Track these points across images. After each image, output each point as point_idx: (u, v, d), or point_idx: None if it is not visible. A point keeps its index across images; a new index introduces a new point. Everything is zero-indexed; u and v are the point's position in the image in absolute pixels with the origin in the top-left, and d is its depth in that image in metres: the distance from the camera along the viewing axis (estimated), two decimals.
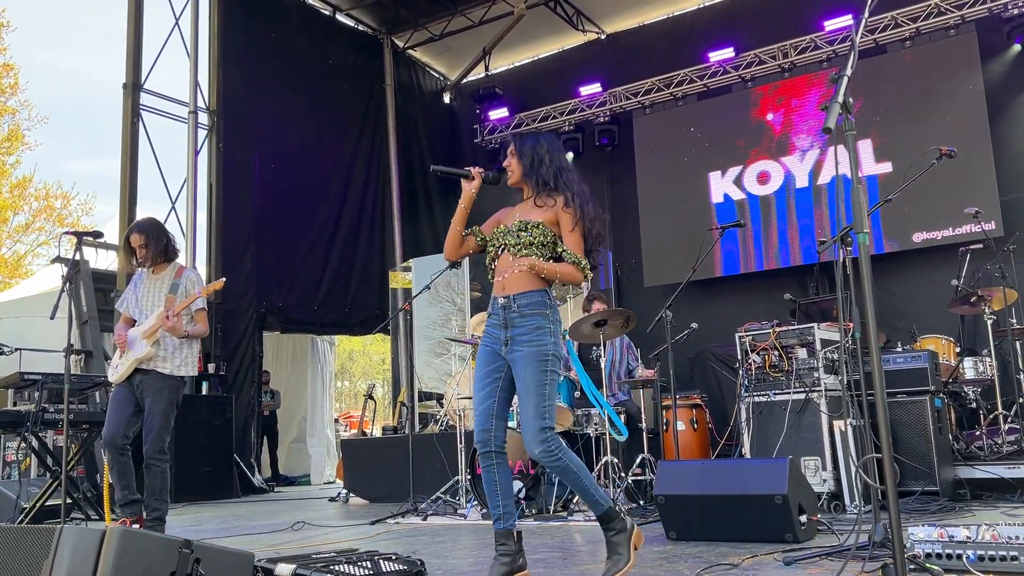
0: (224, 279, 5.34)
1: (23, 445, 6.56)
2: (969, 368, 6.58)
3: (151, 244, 5.11)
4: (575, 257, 3.44)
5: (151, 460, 4.80)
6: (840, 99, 2.34)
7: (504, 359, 3.46)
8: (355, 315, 12.33)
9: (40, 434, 6.47)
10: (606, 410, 5.58)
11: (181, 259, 5.42)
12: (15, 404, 8.30)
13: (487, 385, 3.46)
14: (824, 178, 10.33)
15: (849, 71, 2.41)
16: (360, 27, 13.35)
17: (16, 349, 9.43)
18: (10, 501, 6.37)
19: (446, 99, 14.63)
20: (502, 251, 3.55)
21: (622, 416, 6.45)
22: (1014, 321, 6.54)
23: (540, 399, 3.30)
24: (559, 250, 3.48)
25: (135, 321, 5.10)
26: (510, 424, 6.62)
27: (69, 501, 5.69)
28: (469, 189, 3.76)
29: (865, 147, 10.01)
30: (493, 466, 3.43)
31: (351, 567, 2.71)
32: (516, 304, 3.42)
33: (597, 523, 5.36)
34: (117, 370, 5.01)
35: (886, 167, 9.89)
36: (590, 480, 3.42)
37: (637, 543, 3.43)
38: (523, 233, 3.50)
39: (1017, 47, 9.58)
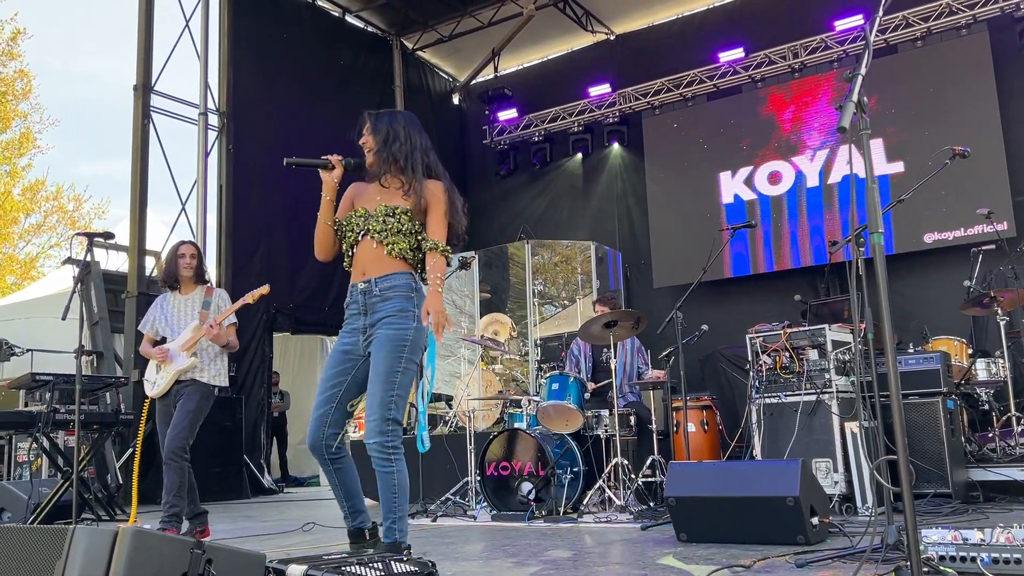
0: (268, 285, 5.32)
1: (35, 446, 6.59)
2: (982, 369, 6.53)
3: (200, 260, 5.38)
4: (434, 243, 3.31)
5: (169, 457, 4.89)
6: (854, 98, 2.32)
7: (358, 358, 3.33)
8: None
9: (51, 435, 6.49)
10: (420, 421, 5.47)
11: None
12: (27, 405, 8.34)
13: (328, 390, 3.34)
14: (835, 178, 10.30)
15: (863, 70, 2.39)
16: (369, 28, 13.37)
17: (28, 350, 9.48)
18: (22, 501, 6.39)
19: (455, 100, 14.64)
20: (363, 236, 3.37)
21: (631, 418, 6.45)
22: None
23: (390, 387, 3.17)
24: (420, 239, 3.36)
25: (159, 341, 5.24)
26: (519, 425, 6.65)
27: (80, 501, 5.70)
28: (331, 179, 3.46)
29: (876, 147, 9.96)
30: (332, 471, 3.36)
31: (363, 568, 2.71)
32: (378, 287, 3.29)
33: (607, 524, 5.38)
34: (156, 385, 5.11)
35: (898, 167, 9.85)
36: (404, 504, 3.24)
37: None
38: (390, 219, 3.32)
39: None
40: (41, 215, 21.39)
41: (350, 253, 3.42)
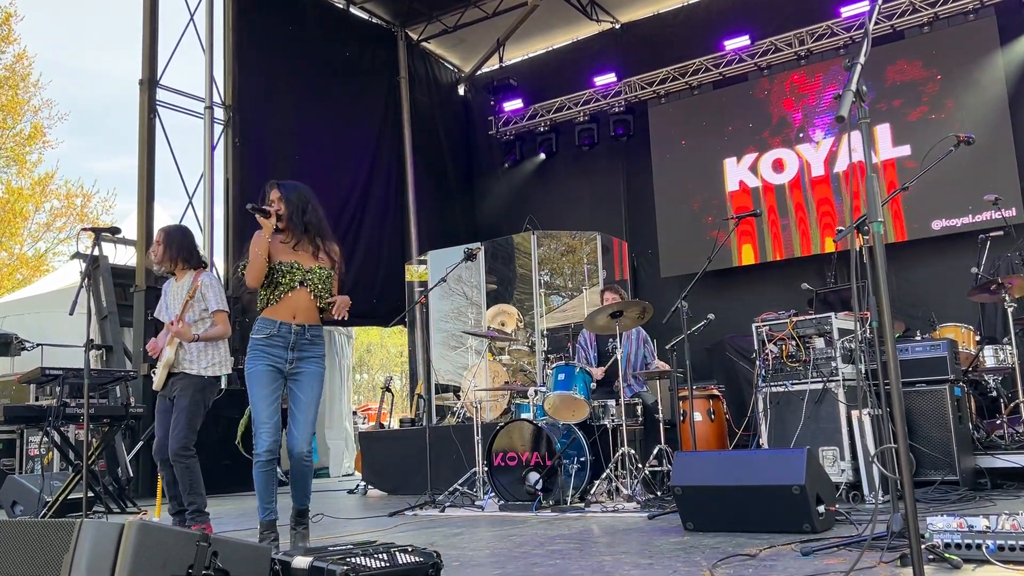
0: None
1: (45, 439, 6.63)
2: (989, 356, 6.51)
3: (164, 246, 5.13)
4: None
5: (174, 458, 4.83)
6: (853, 87, 2.31)
7: (283, 377, 4.17)
8: (382, 306, 12.23)
9: (62, 428, 6.53)
10: None
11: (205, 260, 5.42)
12: (37, 399, 8.40)
13: (273, 402, 4.14)
14: (840, 165, 10.25)
15: (862, 59, 2.38)
16: (374, 20, 13.34)
17: (37, 345, 9.53)
18: (33, 495, 6.44)
19: (460, 91, 14.61)
20: (299, 285, 4.18)
21: (638, 408, 6.45)
22: None
23: (316, 410, 4.18)
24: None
25: None
26: (525, 416, 6.67)
27: (91, 494, 5.74)
28: (270, 224, 4.18)
29: (883, 132, 9.91)
30: (272, 470, 4.16)
31: (367, 559, 2.72)
32: (309, 333, 4.19)
33: (614, 513, 5.40)
34: (155, 377, 5.04)
35: (904, 153, 9.80)
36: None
37: None
38: (328, 282, 4.26)
39: None
40: (49, 214, 21.44)
41: (282, 295, 4.18)
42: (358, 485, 8.77)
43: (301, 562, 2.70)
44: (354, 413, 15.94)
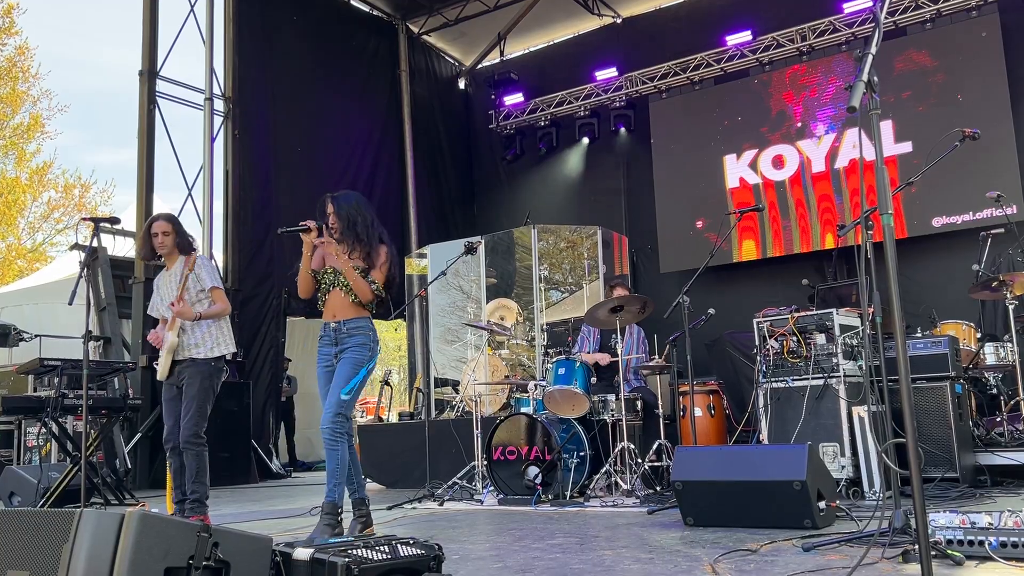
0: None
1: (43, 430, 6.61)
2: (990, 354, 6.50)
3: (175, 233, 5.12)
4: (372, 279, 4.38)
5: (186, 445, 4.84)
6: (864, 77, 2.29)
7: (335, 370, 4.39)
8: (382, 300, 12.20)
9: (60, 419, 6.51)
10: None
11: (199, 248, 5.41)
12: (35, 390, 8.38)
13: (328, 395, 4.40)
14: (842, 161, 10.23)
15: (874, 49, 2.36)
16: (375, 13, 13.30)
17: (36, 335, 9.51)
18: (31, 486, 6.43)
19: (461, 85, 14.57)
20: (332, 288, 4.45)
21: (638, 403, 6.44)
22: None
23: (342, 390, 4.27)
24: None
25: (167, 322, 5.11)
26: (525, 410, 6.65)
27: (89, 486, 5.72)
28: (309, 239, 4.43)
29: (885, 128, 9.89)
30: (328, 450, 4.32)
31: (369, 551, 2.71)
32: (346, 327, 4.38)
33: (614, 508, 5.40)
34: (159, 367, 5.03)
35: (906, 149, 9.78)
36: (340, 474, 4.32)
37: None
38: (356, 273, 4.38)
39: None
40: (47, 205, 21.38)
41: (324, 299, 4.49)
42: None
43: (302, 554, 2.68)
44: None
